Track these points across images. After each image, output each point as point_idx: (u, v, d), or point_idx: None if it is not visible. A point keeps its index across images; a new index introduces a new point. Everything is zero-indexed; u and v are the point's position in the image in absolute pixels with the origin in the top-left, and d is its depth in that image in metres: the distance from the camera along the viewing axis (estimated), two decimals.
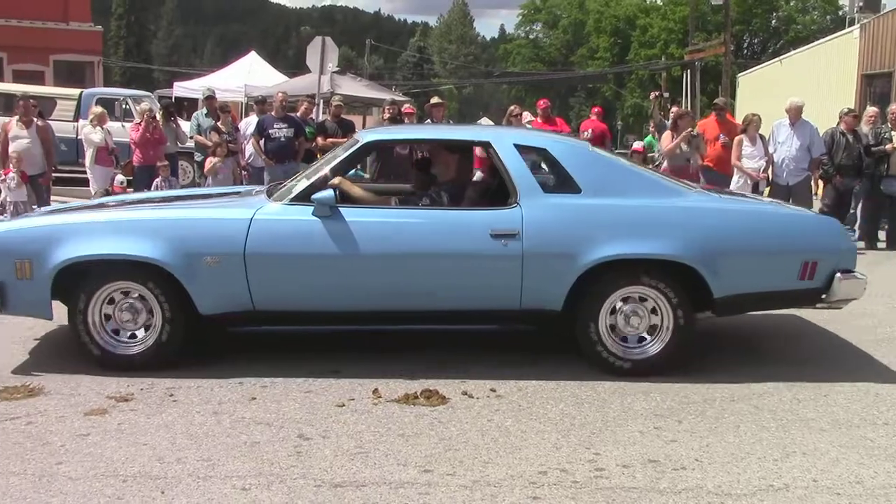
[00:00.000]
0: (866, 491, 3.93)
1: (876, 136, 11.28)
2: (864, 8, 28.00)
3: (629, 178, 5.76)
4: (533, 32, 73.29)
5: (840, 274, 5.51)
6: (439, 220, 5.51)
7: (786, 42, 53.47)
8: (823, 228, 5.81)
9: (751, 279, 5.50)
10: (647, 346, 5.52)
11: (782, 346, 6.42)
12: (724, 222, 5.57)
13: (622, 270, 5.42)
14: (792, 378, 5.56)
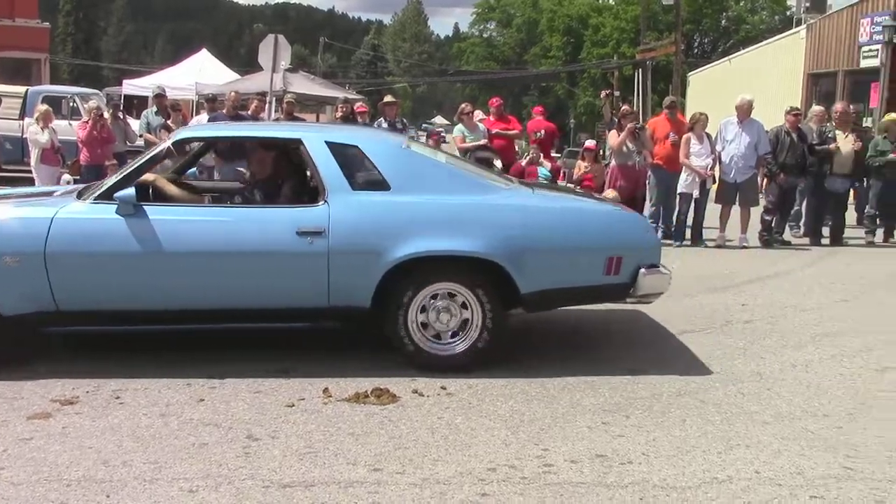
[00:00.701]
0: (806, 481, 4.01)
1: (820, 135, 11.51)
2: (810, 9, 28.53)
3: (442, 175, 5.79)
4: (487, 31, 73.57)
5: (644, 269, 5.59)
6: (245, 218, 5.48)
7: (735, 41, 54.26)
8: (628, 224, 5.85)
9: (556, 275, 5.54)
10: (458, 342, 5.52)
11: (725, 342, 6.51)
12: (529, 219, 5.57)
13: (431, 267, 5.43)
14: (735, 372, 5.67)
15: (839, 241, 11.63)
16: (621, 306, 7.38)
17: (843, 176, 11.52)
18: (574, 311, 6.97)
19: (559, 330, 6.75)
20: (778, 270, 9.70)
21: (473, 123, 12.83)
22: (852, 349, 6.30)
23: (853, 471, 4.14)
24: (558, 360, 5.85)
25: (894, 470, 4.15)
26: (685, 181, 11.01)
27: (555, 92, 63.86)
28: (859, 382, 5.52)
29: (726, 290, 8.45)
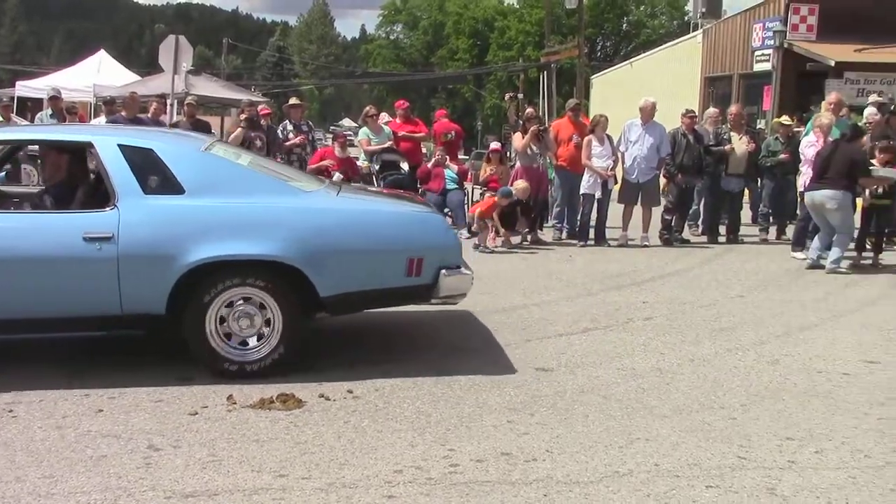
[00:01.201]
0: (703, 472, 4.15)
1: (716, 136, 11.89)
2: (706, 14, 29.38)
3: (240, 178, 5.70)
4: (394, 33, 73.58)
5: (445, 270, 5.61)
6: (30, 224, 5.37)
7: (636, 45, 55.60)
8: (427, 225, 5.84)
9: (357, 278, 5.51)
10: (259, 347, 5.44)
11: (626, 338, 6.67)
12: (327, 221, 5.53)
13: (227, 272, 5.34)
14: (636, 368, 5.82)
15: (735, 239, 12.04)
16: (539, 305, 7.52)
17: (738, 176, 11.93)
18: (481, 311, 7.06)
19: (464, 330, 6.80)
20: (678, 268, 9.99)
21: (378, 126, 12.84)
22: (747, 343, 6.54)
23: (746, 460, 4.30)
24: (461, 360, 5.90)
25: (785, 458, 4.33)
26: (587, 182, 11.23)
27: (462, 94, 64.32)
28: (753, 375, 5.72)
29: (628, 288, 8.66)
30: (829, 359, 6.14)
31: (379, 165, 12.47)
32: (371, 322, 6.87)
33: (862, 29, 19.69)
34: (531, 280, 8.98)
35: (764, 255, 10.94)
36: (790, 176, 11.82)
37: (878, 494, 3.93)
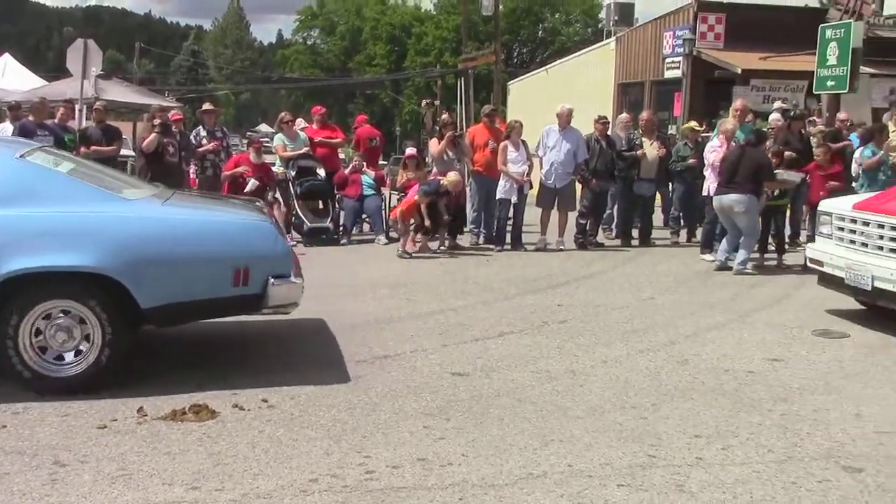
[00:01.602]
0: (615, 471, 4.24)
1: (629, 141, 12.14)
2: (618, 22, 30.00)
3: (58, 186, 5.52)
4: (311, 38, 73.00)
5: (274, 279, 5.50)
6: None
7: (552, 52, 56.32)
8: (254, 234, 5.68)
9: (180, 288, 5.35)
10: (79, 362, 5.24)
11: (542, 342, 6.76)
12: (147, 231, 5.38)
13: (40, 284, 5.15)
14: (551, 371, 5.90)
15: (647, 242, 12.31)
16: (456, 310, 7.55)
17: (650, 180, 12.19)
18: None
19: (382, 336, 6.80)
20: (592, 271, 10.17)
21: (294, 132, 12.74)
22: (657, 344, 6.70)
23: (657, 458, 4.41)
24: (378, 367, 5.91)
25: (693, 455, 4.45)
26: (503, 187, 11.35)
27: (380, 100, 64.21)
28: (663, 375, 5.87)
29: (544, 292, 8.78)
30: (736, 358, 6.33)
31: (295, 171, 12.37)
32: (285, 330, 6.82)
33: (767, 38, 20.36)
34: (448, 285, 9.03)
35: (675, 257, 11.21)
36: (699, 180, 12.12)
37: (780, 488, 4.07)
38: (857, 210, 7.53)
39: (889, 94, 19.82)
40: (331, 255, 10.99)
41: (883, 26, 20.09)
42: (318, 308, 7.79)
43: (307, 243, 11.77)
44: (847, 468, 4.31)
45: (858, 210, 7.51)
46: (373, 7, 66.53)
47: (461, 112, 32.96)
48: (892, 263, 6.93)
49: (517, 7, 60.66)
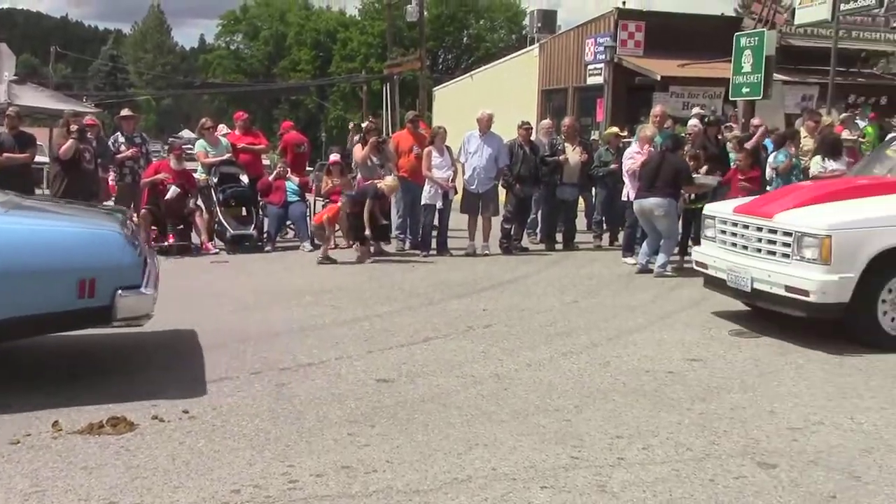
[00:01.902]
0: (538, 474, 4.27)
1: (551, 146, 12.29)
2: (541, 29, 30.35)
3: None
4: (234, 43, 72.09)
5: (122, 290, 5.31)
6: None
7: (477, 58, 56.68)
8: (100, 243, 5.45)
9: (21, 302, 5.10)
10: None
11: (467, 346, 6.79)
12: None
13: None
14: (476, 375, 5.93)
15: (571, 246, 12.48)
16: (381, 317, 7.53)
17: (572, 185, 12.37)
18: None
19: (306, 344, 6.74)
20: (517, 275, 10.25)
21: (216, 138, 12.57)
22: (580, 346, 6.79)
23: (579, 459, 4.46)
24: (303, 375, 5.86)
25: (615, 455, 4.52)
26: (428, 193, 11.37)
27: (305, 105, 63.71)
28: (586, 377, 5.95)
29: (469, 297, 8.82)
30: (656, 359, 6.46)
31: (217, 178, 12.20)
32: (207, 339, 6.72)
33: (685, 46, 20.85)
34: (374, 291, 9.00)
35: (598, 261, 11.38)
36: (621, 185, 12.33)
37: (698, 485, 4.16)
38: (737, 213, 7.66)
39: (801, 101, 20.46)
40: (255, 263, 10.86)
41: (795, 35, 20.76)
42: (242, 316, 7.72)
43: (230, 251, 11.61)
44: (762, 464, 4.43)
45: (738, 213, 7.64)
46: (297, 12, 66.09)
47: (387, 118, 32.95)
48: (768, 265, 7.07)
49: (442, 13, 60.94)
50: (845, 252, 6.63)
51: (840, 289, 6.63)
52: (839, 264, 6.62)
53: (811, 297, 6.67)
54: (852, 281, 6.64)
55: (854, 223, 6.80)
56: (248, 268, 10.42)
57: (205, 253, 11.50)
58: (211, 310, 7.96)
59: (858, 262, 6.64)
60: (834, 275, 6.62)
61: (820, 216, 6.91)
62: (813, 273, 6.69)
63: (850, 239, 6.68)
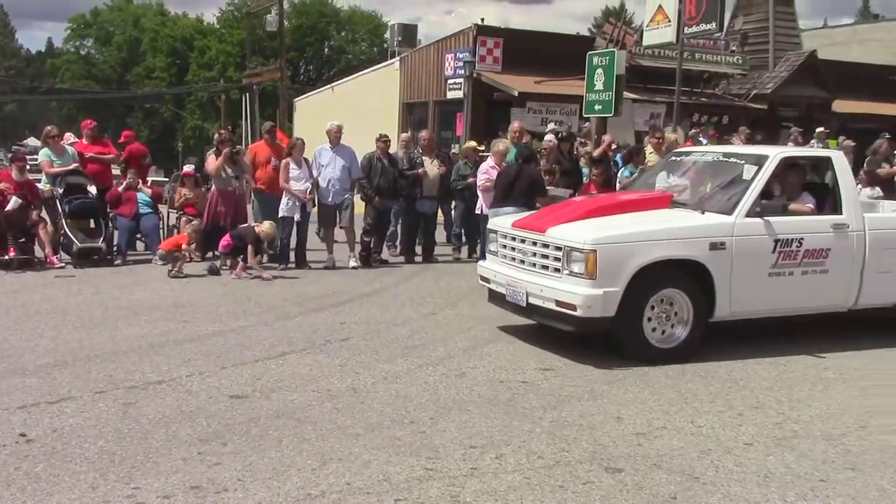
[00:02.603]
0: (392, 487, 4.28)
1: (409, 160, 12.37)
2: (402, 42, 30.58)
3: None
4: (84, 48, 69.25)
5: None
6: None
7: (338, 70, 56.51)
8: None
9: None
10: None
11: (323, 360, 6.73)
12: None
13: None
14: (332, 389, 5.89)
15: (430, 259, 12.57)
16: (235, 331, 7.36)
17: (431, 198, 12.48)
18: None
19: (155, 361, 6.52)
20: (375, 288, 10.24)
21: (61, 147, 12.03)
22: (436, 358, 6.84)
23: (433, 471, 4.49)
24: (151, 394, 5.67)
25: (468, 465, 4.58)
26: (286, 205, 11.22)
27: (161, 114, 61.82)
28: (441, 388, 6.00)
29: (327, 310, 8.74)
30: (511, 369, 6.58)
31: (63, 189, 11.65)
32: (46, 356, 6.41)
33: (542, 63, 21.48)
34: (229, 306, 8.79)
35: (456, 273, 11.50)
36: (478, 198, 12.55)
37: (548, 492, 4.27)
38: (515, 227, 7.64)
39: (650, 119, 21.41)
40: (104, 277, 10.42)
41: (644, 56, 21.70)
42: (88, 333, 7.41)
43: (77, 265, 11.10)
44: (608, 469, 4.58)
45: (516, 227, 7.62)
46: (152, 18, 64.16)
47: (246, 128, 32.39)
48: (542, 279, 7.07)
49: (303, 24, 60.50)
50: (610, 266, 6.66)
51: (606, 303, 6.66)
52: (604, 278, 6.65)
53: (578, 312, 6.69)
54: (617, 295, 6.68)
55: (619, 237, 6.84)
56: (96, 282, 9.99)
57: (49, 267, 10.95)
58: (54, 327, 7.59)
59: (623, 276, 6.69)
60: (599, 289, 6.63)
61: (587, 231, 6.91)
62: (580, 287, 6.69)
63: (615, 253, 6.71)
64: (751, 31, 26.32)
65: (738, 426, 5.36)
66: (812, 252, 7.32)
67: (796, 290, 7.34)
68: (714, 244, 6.98)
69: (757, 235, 7.14)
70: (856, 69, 27.40)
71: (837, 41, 38.44)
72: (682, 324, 7.02)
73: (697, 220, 7.18)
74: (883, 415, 5.68)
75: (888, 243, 7.66)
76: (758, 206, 7.22)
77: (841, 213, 7.55)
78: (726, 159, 8.06)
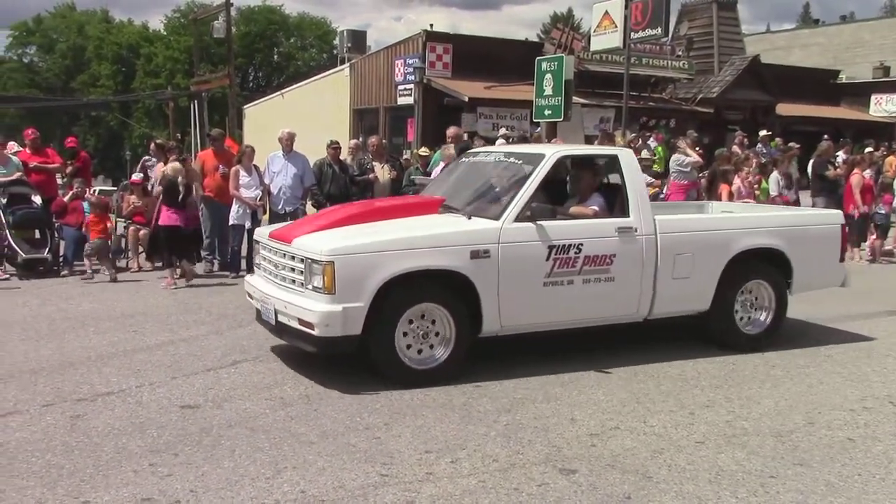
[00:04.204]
0: (348, 494, 4.26)
1: (360, 166, 12.33)
2: (352, 48, 30.49)
3: None
4: (27, 55, 67.96)
5: None
6: None
7: (288, 76, 56.18)
8: None
9: None
10: None
11: (275, 368, 6.67)
12: None
13: None
14: (285, 397, 5.84)
15: None
16: (186, 341, 7.26)
17: None
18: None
19: (104, 372, 6.41)
20: None
21: (5, 157, 11.77)
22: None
23: (389, 476, 4.48)
24: (100, 405, 5.58)
25: (424, 470, 4.58)
26: (236, 213, 11.10)
27: (107, 122, 60.87)
28: (395, 394, 5.96)
29: None
30: (465, 372, 6.54)
31: (6, 199, 11.40)
32: None
33: (491, 69, 21.61)
34: (180, 315, 8.67)
35: None
36: None
37: (503, 495, 4.28)
38: (270, 238, 6.82)
39: (599, 123, 21.65)
40: (50, 288, 10.22)
41: (592, 61, 21.94)
42: (34, 345, 7.27)
43: (22, 276, 10.87)
44: (563, 470, 4.61)
45: (271, 238, 6.80)
46: (97, 25, 63.22)
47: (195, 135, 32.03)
48: (288, 295, 6.28)
49: (251, 31, 60.08)
50: (351, 279, 5.88)
51: (346, 320, 5.88)
52: (345, 293, 5.86)
53: (315, 331, 5.92)
54: (361, 311, 5.91)
55: (361, 247, 6.02)
56: (42, 294, 9.79)
57: None
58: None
59: (367, 290, 5.91)
60: (338, 305, 5.85)
61: (328, 240, 6.13)
62: (318, 304, 5.92)
63: (357, 265, 5.92)
64: (696, 37, 26.79)
65: (690, 425, 5.43)
66: (593, 259, 6.66)
67: (578, 300, 6.68)
68: (476, 252, 6.23)
69: (527, 242, 6.44)
70: (798, 73, 28.06)
71: (779, 45, 39.35)
72: (443, 342, 6.30)
73: (460, 226, 6.47)
74: (829, 411, 5.80)
75: (683, 247, 7.11)
76: (529, 209, 6.50)
77: (628, 215, 6.93)
78: (507, 160, 7.37)
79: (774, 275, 7.66)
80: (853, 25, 42.19)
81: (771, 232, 7.67)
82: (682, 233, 7.21)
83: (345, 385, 6.16)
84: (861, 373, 6.84)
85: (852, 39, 40.33)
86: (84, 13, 66.39)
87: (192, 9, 55.85)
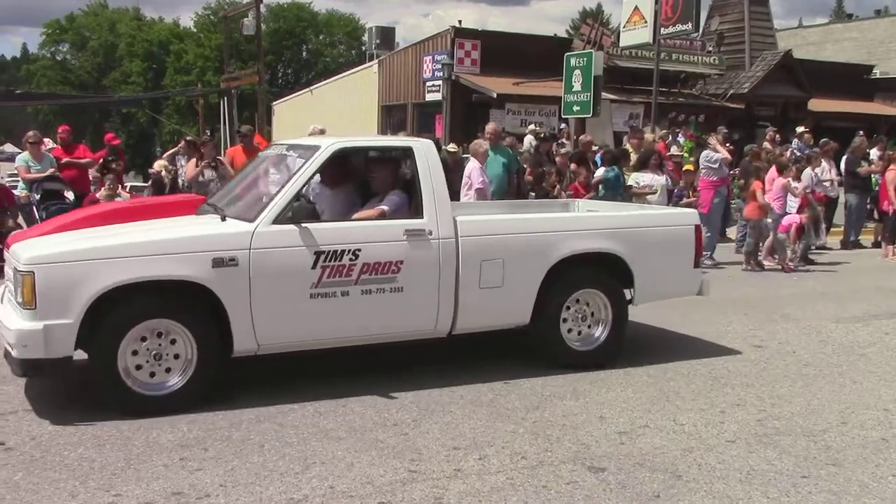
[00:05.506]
0: (376, 489, 4.26)
1: None
2: (380, 45, 30.57)
3: None
4: (60, 53, 68.74)
5: None
6: None
7: (316, 73, 56.40)
8: None
9: None
10: None
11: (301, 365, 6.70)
12: None
13: None
14: (316, 393, 5.85)
15: None
16: None
17: None
18: None
19: None
20: None
21: (41, 153, 11.91)
22: (414, 359, 6.80)
23: (417, 472, 4.48)
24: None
25: (452, 467, 4.57)
26: None
27: (137, 119, 61.44)
28: (424, 390, 5.95)
29: None
30: (493, 370, 6.54)
31: (40, 195, 11.55)
32: None
33: (520, 65, 21.54)
34: None
35: None
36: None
37: (532, 493, 4.26)
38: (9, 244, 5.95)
39: (629, 119, 21.52)
40: None
41: (621, 56, 21.80)
42: None
43: None
44: (592, 468, 4.59)
45: (10, 244, 5.91)
46: (128, 23, 63.78)
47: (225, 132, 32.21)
48: (7, 312, 5.36)
49: (280, 28, 60.36)
50: (57, 292, 5.02)
51: (49, 341, 4.99)
52: (48, 308, 5.00)
53: (14, 352, 5.08)
54: (71, 329, 5.04)
55: (70, 254, 5.15)
56: None
57: None
58: None
59: (77, 304, 5.04)
60: (39, 322, 4.99)
61: (35, 247, 5.34)
62: (18, 321, 5.10)
63: (64, 275, 5.05)
64: (727, 32, 26.53)
65: (721, 423, 5.38)
66: (374, 266, 5.76)
67: (357, 313, 5.79)
68: (219, 260, 5.35)
69: (286, 248, 5.56)
70: (830, 68, 27.70)
71: (812, 41, 38.86)
72: (184, 365, 5.40)
73: (204, 229, 5.65)
74: (862, 410, 5.72)
75: (492, 252, 6.17)
76: (291, 210, 5.64)
77: (421, 216, 6.01)
78: (287, 153, 6.53)
79: (610, 283, 6.72)
80: (888, 20, 41.53)
81: (605, 234, 6.66)
82: (488, 236, 6.26)
83: (373, 381, 6.16)
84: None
85: (887, 34, 39.73)
86: (116, 11, 67.03)
87: (223, 6, 56.25)
